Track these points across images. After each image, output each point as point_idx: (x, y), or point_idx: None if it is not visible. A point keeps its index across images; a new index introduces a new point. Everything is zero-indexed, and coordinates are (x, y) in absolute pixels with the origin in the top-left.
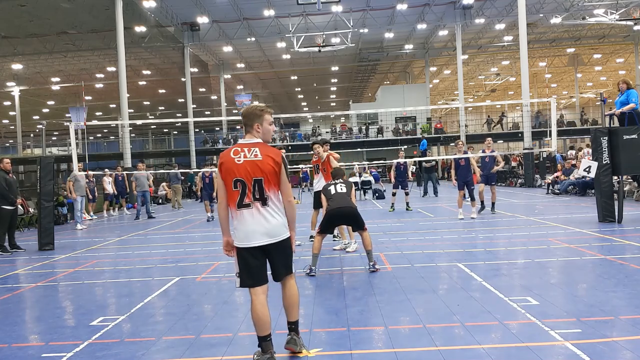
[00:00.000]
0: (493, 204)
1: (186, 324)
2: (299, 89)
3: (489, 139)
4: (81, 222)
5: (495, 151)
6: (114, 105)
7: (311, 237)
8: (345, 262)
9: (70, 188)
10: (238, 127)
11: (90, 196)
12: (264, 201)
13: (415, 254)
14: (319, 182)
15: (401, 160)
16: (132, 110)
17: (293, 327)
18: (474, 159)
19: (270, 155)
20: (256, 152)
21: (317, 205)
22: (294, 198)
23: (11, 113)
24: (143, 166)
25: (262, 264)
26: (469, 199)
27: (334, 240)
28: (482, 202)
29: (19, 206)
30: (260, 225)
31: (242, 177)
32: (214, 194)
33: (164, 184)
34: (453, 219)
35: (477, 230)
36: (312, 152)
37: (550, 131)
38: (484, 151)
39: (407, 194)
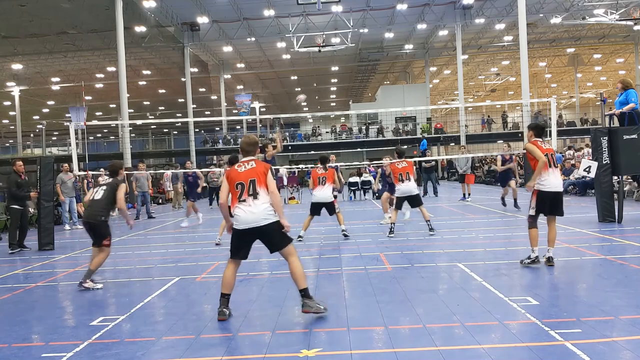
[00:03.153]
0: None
1: (186, 324)
2: (299, 89)
3: (506, 145)
4: (69, 222)
5: (511, 157)
6: (114, 105)
7: (299, 237)
8: (345, 262)
9: (58, 191)
10: (238, 127)
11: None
12: (255, 195)
13: (415, 254)
14: (320, 192)
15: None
16: (132, 110)
17: (303, 293)
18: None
19: (261, 164)
20: (252, 164)
21: (313, 211)
22: (294, 199)
23: (11, 113)
24: (143, 166)
25: (246, 245)
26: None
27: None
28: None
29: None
30: (251, 214)
31: (242, 180)
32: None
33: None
34: (453, 219)
35: (477, 230)
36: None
37: (550, 131)
38: (503, 157)
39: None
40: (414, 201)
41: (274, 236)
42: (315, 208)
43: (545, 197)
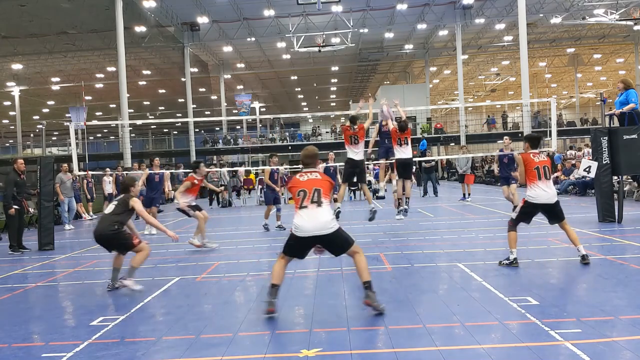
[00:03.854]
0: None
1: (186, 324)
2: (299, 89)
3: (507, 137)
4: (68, 222)
5: (514, 151)
6: (114, 105)
7: (337, 210)
8: (345, 262)
9: (57, 190)
10: (238, 127)
11: (89, 196)
12: (319, 203)
13: (415, 254)
14: (353, 153)
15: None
16: (132, 110)
17: (367, 285)
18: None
19: (326, 178)
20: (316, 175)
21: (347, 177)
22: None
23: (11, 113)
24: (139, 167)
25: (299, 250)
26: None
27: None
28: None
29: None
30: (315, 221)
31: (304, 188)
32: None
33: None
34: (453, 219)
35: (477, 230)
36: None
37: (550, 131)
38: (502, 150)
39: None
40: (408, 169)
41: (338, 243)
42: (349, 173)
43: (532, 209)
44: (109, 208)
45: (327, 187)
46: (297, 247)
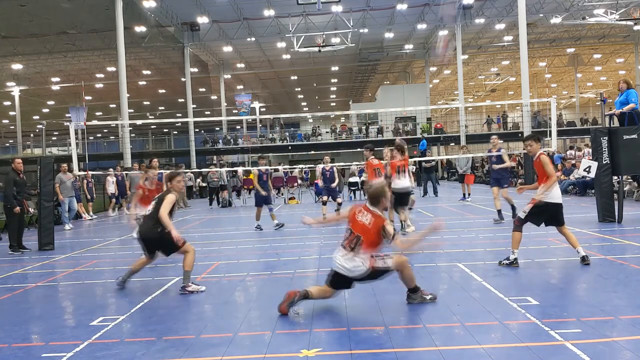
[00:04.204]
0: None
1: (186, 324)
2: (299, 89)
3: (495, 137)
4: (68, 222)
5: (502, 150)
6: (114, 105)
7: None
8: None
9: (57, 190)
10: (238, 127)
11: (89, 196)
12: (354, 250)
13: (415, 254)
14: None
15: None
16: (132, 110)
17: (409, 291)
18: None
19: (378, 222)
20: (370, 219)
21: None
22: (294, 198)
23: (11, 113)
24: (142, 166)
25: (337, 281)
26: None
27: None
28: (499, 210)
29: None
30: (344, 263)
31: (352, 228)
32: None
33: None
34: (453, 219)
35: (477, 230)
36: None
37: (550, 131)
38: (490, 151)
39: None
40: (403, 199)
41: (368, 280)
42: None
43: (544, 208)
44: (149, 208)
45: (371, 238)
46: (334, 278)
